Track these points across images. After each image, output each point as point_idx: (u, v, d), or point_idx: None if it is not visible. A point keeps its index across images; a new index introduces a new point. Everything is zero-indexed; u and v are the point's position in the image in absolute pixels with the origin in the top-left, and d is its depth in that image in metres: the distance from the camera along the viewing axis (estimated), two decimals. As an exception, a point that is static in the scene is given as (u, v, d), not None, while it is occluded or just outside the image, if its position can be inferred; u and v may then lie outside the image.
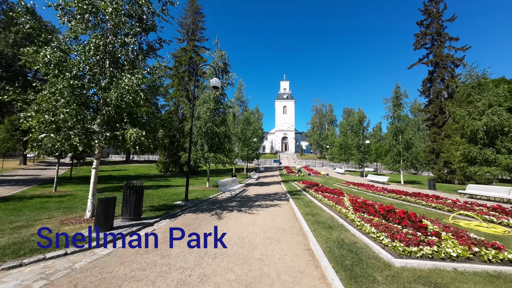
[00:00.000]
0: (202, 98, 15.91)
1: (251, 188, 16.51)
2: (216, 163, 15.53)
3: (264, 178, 25.47)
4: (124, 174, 26.17)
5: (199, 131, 15.42)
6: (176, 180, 21.06)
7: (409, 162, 22.73)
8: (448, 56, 30.03)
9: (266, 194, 13.02)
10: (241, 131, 25.52)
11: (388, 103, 25.20)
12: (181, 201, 9.77)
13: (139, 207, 6.17)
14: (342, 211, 6.89)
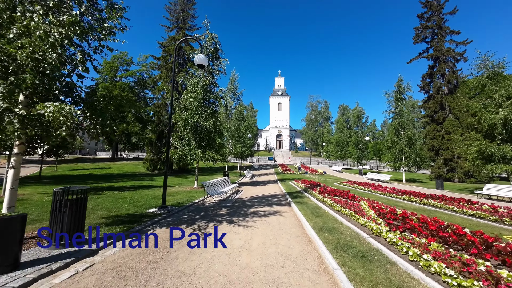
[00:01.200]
0: (189, 86, 13.76)
1: (245, 188, 14.55)
2: (205, 161, 13.48)
3: (259, 177, 23.56)
4: (106, 173, 23.71)
5: (185, 124, 13.32)
6: (162, 180, 18.87)
7: (412, 160, 21.26)
8: (449, 50, 28.74)
9: (263, 196, 11.08)
10: (234, 126, 23.45)
11: (390, 97, 23.67)
12: (157, 208, 7.70)
13: (79, 225, 4.09)
14: (370, 226, 5.00)
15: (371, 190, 12.95)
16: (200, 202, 9.31)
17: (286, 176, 24.49)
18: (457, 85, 28.69)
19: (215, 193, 8.97)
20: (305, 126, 61.43)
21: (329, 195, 9.36)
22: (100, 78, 37.61)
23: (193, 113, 13.32)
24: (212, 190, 9.24)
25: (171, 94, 8.18)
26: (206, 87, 13.96)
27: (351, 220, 5.88)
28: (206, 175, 24.52)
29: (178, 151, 13.23)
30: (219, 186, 10.48)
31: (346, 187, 15.57)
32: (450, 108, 28.41)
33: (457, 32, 28.78)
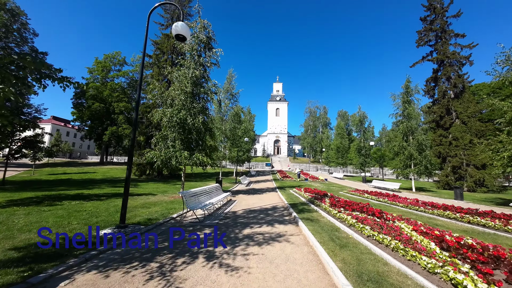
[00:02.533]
0: (175, 78, 11.72)
1: (239, 198, 12.32)
2: (192, 165, 11.31)
3: (256, 184, 21.32)
4: (87, 178, 21.26)
5: (170, 121, 11.21)
6: (147, 186, 16.55)
7: (422, 167, 19.29)
8: (455, 54, 27.42)
9: (261, 209, 8.87)
10: (230, 129, 21.36)
11: (397, 99, 21.92)
12: (113, 227, 5.47)
13: None
14: (446, 276, 2.85)
15: (388, 202, 10.82)
16: (179, 217, 7.07)
17: (286, 183, 22.30)
18: (464, 90, 27.22)
19: (198, 206, 6.75)
20: (304, 132, 59.57)
21: (344, 209, 7.21)
22: (91, 77, 35.51)
23: (179, 109, 11.24)
24: (194, 202, 7.02)
25: (141, 71, 6.09)
26: (196, 79, 11.92)
27: (401, 257, 3.72)
28: (198, 181, 22.20)
29: (161, 153, 11.04)
30: (205, 196, 8.26)
31: (355, 196, 13.43)
32: (457, 113, 26.81)
33: (462, 35, 27.57)
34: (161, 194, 12.88)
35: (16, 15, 31.50)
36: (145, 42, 6.08)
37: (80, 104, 35.93)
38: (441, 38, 28.71)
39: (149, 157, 10.85)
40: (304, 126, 59.52)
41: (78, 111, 36.04)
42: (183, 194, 6.46)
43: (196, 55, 12.48)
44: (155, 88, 12.51)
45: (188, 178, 25.82)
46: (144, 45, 6.09)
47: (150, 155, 10.84)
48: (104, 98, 34.21)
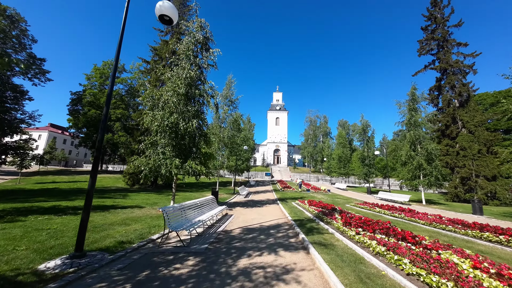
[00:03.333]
0: (167, 77, 10.67)
1: (237, 212, 10.91)
2: (184, 174, 10.04)
3: (256, 195, 19.85)
4: (75, 188, 19.78)
5: (160, 125, 10.06)
6: (137, 197, 15.12)
7: (432, 178, 17.95)
8: (458, 62, 26.81)
9: (261, 227, 7.49)
10: (228, 136, 20.18)
11: (402, 107, 20.94)
12: (67, 257, 4.11)
13: None
14: None
15: (406, 218, 9.43)
16: (160, 239, 5.70)
17: (287, 194, 20.84)
18: (469, 98, 26.38)
19: (184, 225, 5.40)
20: (304, 141, 58.41)
21: (363, 229, 5.87)
22: (88, 84, 34.75)
23: (171, 112, 10.11)
24: (179, 220, 5.68)
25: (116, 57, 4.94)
26: (191, 81, 10.86)
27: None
28: (194, 192, 20.74)
29: (149, 161, 9.76)
30: (195, 211, 6.91)
31: (365, 210, 12.02)
32: (463, 122, 25.80)
33: (465, 44, 27.08)
34: (149, 206, 11.47)
35: (16, 22, 31.21)
36: (123, 22, 4.96)
37: (76, 111, 34.95)
38: (443, 47, 28.24)
39: (135, 165, 9.57)
40: (304, 136, 58.46)
41: (74, 118, 35.01)
42: (164, 210, 5.13)
43: (192, 55, 11.50)
44: (146, 89, 11.42)
45: (183, 188, 24.34)
46: (123, 27, 4.97)
47: (137, 162, 9.57)
48: (101, 104, 33.26)
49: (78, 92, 35.06)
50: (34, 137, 61.15)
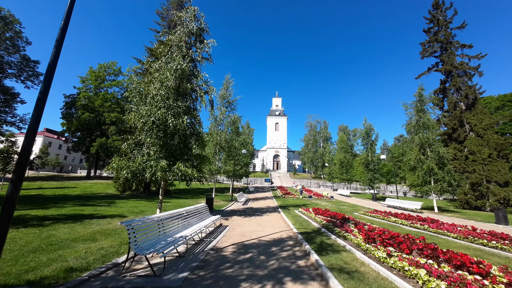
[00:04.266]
0: (154, 69, 9.45)
1: (233, 222, 9.46)
2: (173, 179, 8.67)
3: (255, 202, 18.34)
4: (60, 194, 18.24)
5: (146, 122, 8.78)
6: (124, 205, 13.63)
7: (445, 184, 16.56)
8: (463, 64, 25.95)
9: (260, 243, 6.06)
10: (226, 139, 18.87)
11: (409, 109, 19.79)
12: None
13: None
14: None
15: (431, 230, 8.01)
16: (128, 263, 4.26)
17: (288, 201, 19.35)
18: (475, 101, 25.35)
19: (155, 246, 3.98)
20: (304, 147, 57.10)
21: (394, 248, 4.47)
22: (83, 87, 33.63)
23: (159, 107, 8.83)
24: (151, 238, 4.25)
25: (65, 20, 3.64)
26: (183, 74, 9.64)
27: None
28: (189, 199, 19.24)
29: (130, 163, 8.39)
30: (179, 224, 5.49)
31: (379, 220, 10.57)
32: (471, 125, 24.65)
33: (469, 45, 26.31)
34: (133, 216, 9.99)
35: (10, 23, 30.34)
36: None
37: (69, 115, 33.69)
38: (447, 49, 27.46)
39: (113, 168, 8.18)
40: (305, 141, 57.22)
41: (67, 122, 33.71)
42: (128, 224, 3.73)
43: (185, 47, 10.33)
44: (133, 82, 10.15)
45: (178, 195, 22.80)
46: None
47: (115, 164, 8.18)
48: (95, 108, 32.05)
49: (72, 95, 33.89)
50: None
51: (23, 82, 31.55)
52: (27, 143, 3.02)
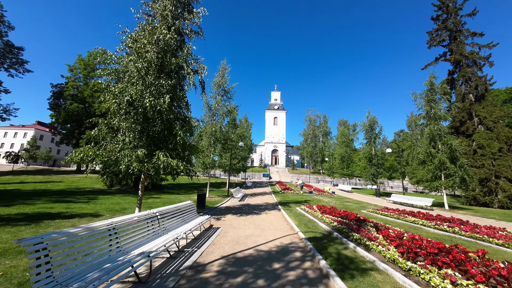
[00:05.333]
0: (131, 39, 7.75)
1: (226, 222, 7.97)
2: (154, 172, 7.12)
3: (252, 198, 16.92)
4: (40, 189, 16.62)
5: (120, 103, 7.22)
6: (106, 201, 12.09)
7: (458, 179, 15.23)
8: (473, 54, 24.40)
9: (258, 256, 4.56)
10: (220, 130, 17.28)
11: (418, 99, 18.29)
12: None
13: None
14: None
15: (465, 234, 6.59)
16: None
17: (288, 197, 17.95)
18: (485, 92, 23.93)
19: (83, 279, 2.45)
20: (303, 141, 55.63)
21: (454, 271, 3.01)
22: (71, 76, 31.55)
23: (134, 84, 7.22)
24: (83, 265, 2.72)
25: None
26: (167, 46, 7.97)
27: None
28: (182, 194, 17.75)
29: (100, 152, 6.82)
30: (147, 231, 3.97)
31: (393, 219, 9.17)
32: (480, 118, 23.29)
33: (480, 34, 24.70)
34: (109, 215, 8.46)
35: (-11, 7, 28.01)
36: None
37: (58, 105, 31.71)
38: (456, 37, 25.82)
39: (77, 157, 6.60)
40: (304, 135, 55.74)
41: (56, 113, 31.75)
42: (35, 242, 2.20)
43: (171, 17, 8.61)
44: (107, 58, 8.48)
45: (171, 190, 21.29)
46: None
47: (79, 154, 6.59)
48: (84, 98, 30.10)
49: (60, 84, 31.82)
50: (20, 135, 57.43)
51: (7, 70, 29.38)
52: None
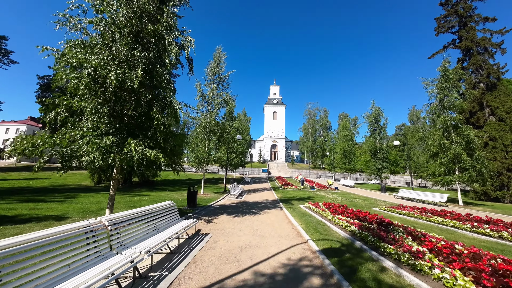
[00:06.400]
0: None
1: (218, 226, 6.49)
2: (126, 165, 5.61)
3: (251, 194, 15.49)
4: (18, 186, 15.09)
5: (81, 78, 5.68)
6: (84, 200, 10.59)
7: (474, 173, 13.85)
8: (485, 40, 22.76)
9: (254, 284, 3.08)
10: (215, 121, 15.71)
11: (430, 86, 16.75)
12: None
13: None
14: None
15: (517, 240, 5.16)
16: None
17: (289, 193, 16.55)
18: (497, 82, 22.42)
19: None
20: (303, 136, 54.13)
21: None
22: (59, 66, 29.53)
23: (97, 53, 5.66)
24: None
25: None
26: (141, 10, 6.36)
27: None
28: (175, 191, 16.26)
29: (55, 138, 5.28)
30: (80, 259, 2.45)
31: (414, 219, 7.75)
32: (492, 108, 21.84)
33: (493, 19, 23.02)
34: (79, 216, 6.97)
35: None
36: None
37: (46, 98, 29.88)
38: (466, 23, 24.13)
39: (21, 147, 5.06)
40: (303, 130, 54.19)
41: (44, 107, 29.92)
42: None
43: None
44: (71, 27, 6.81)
45: (164, 186, 19.80)
46: None
47: (26, 143, 5.07)
48: (74, 91, 28.27)
49: (48, 76, 29.93)
50: (12, 131, 55.38)
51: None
52: None
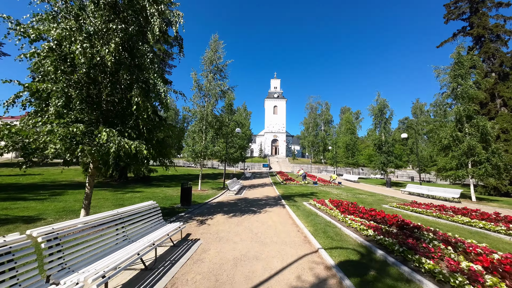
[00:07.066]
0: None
1: (211, 228, 5.59)
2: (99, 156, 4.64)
3: (251, 190, 14.62)
4: (6, 183, 14.28)
5: (42, 54, 4.64)
6: (70, 198, 9.73)
7: (490, 166, 12.88)
8: (498, 27, 21.40)
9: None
10: (212, 113, 14.71)
11: (442, 75, 15.61)
12: None
13: None
14: None
15: None
16: None
17: (291, 189, 15.67)
18: (511, 71, 21.17)
19: None
20: (304, 130, 53.02)
21: None
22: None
23: (61, 24, 4.63)
24: None
25: None
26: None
27: None
28: (173, 187, 15.43)
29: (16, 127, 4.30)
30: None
31: (435, 219, 6.83)
32: (505, 99, 20.68)
33: (507, 3, 21.58)
34: (54, 219, 6.09)
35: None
36: None
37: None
38: (478, 9, 22.71)
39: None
40: (305, 124, 53.03)
41: None
42: None
43: None
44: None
45: (161, 182, 18.97)
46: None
47: None
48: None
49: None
50: (10, 127, 54.63)
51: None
52: None
